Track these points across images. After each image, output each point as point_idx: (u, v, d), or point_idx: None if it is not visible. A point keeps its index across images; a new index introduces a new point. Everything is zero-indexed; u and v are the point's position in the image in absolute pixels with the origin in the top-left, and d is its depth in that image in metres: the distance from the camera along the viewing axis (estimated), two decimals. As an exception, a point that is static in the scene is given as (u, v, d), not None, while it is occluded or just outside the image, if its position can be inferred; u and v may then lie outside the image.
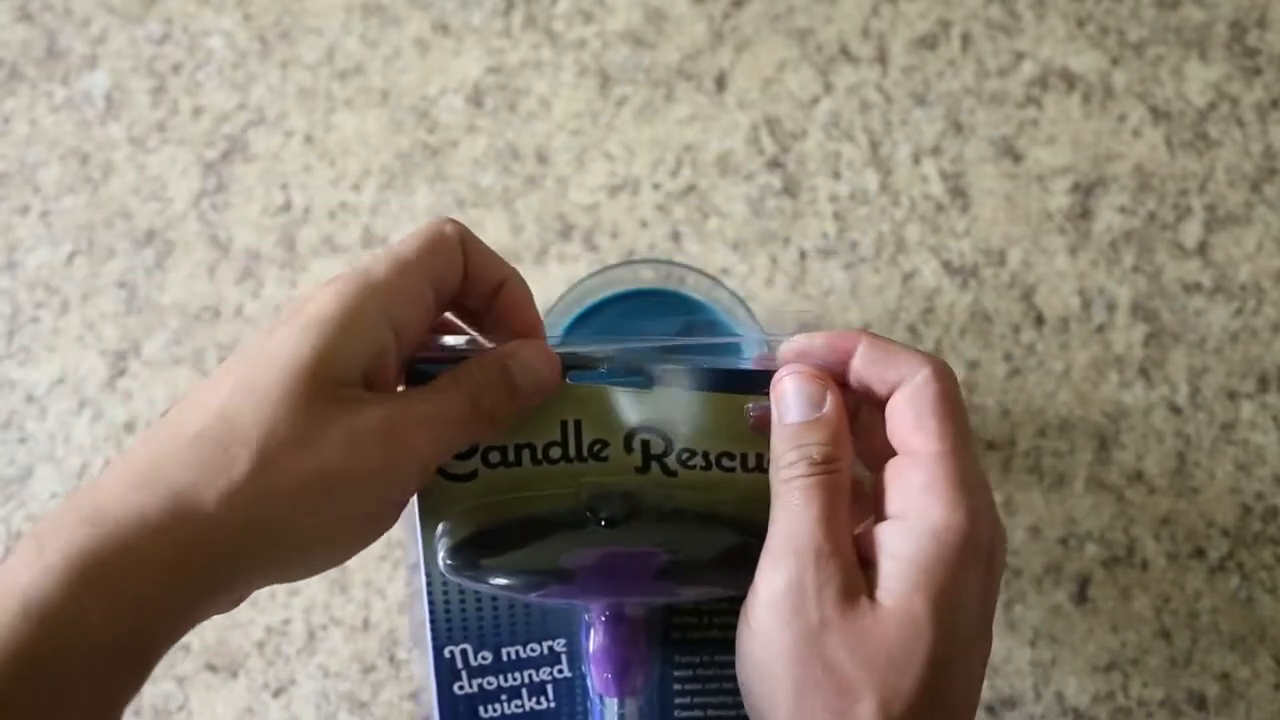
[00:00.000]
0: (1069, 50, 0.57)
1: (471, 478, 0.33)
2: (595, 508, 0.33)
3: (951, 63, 0.57)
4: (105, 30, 0.58)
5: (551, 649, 0.34)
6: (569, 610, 0.34)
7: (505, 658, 0.34)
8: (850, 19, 0.57)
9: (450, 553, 0.32)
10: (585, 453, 0.33)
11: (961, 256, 0.54)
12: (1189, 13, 0.57)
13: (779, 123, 0.56)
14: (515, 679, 0.34)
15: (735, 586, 0.31)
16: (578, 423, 0.33)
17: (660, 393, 0.33)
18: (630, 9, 0.58)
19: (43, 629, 0.25)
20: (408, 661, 0.49)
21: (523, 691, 0.34)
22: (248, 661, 0.49)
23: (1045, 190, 0.55)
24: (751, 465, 0.33)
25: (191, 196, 0.55)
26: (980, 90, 0.56)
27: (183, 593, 0.27)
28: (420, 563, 0.33)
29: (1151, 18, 0.57)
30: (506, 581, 0.33)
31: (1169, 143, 0.56)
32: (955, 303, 0.53)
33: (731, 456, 0.33)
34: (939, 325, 0.53)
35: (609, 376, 0.33)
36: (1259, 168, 0.55)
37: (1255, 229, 0.54)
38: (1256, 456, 0.51)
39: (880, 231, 0.54)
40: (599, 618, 0.34)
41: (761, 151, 0.55)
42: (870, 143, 0.55)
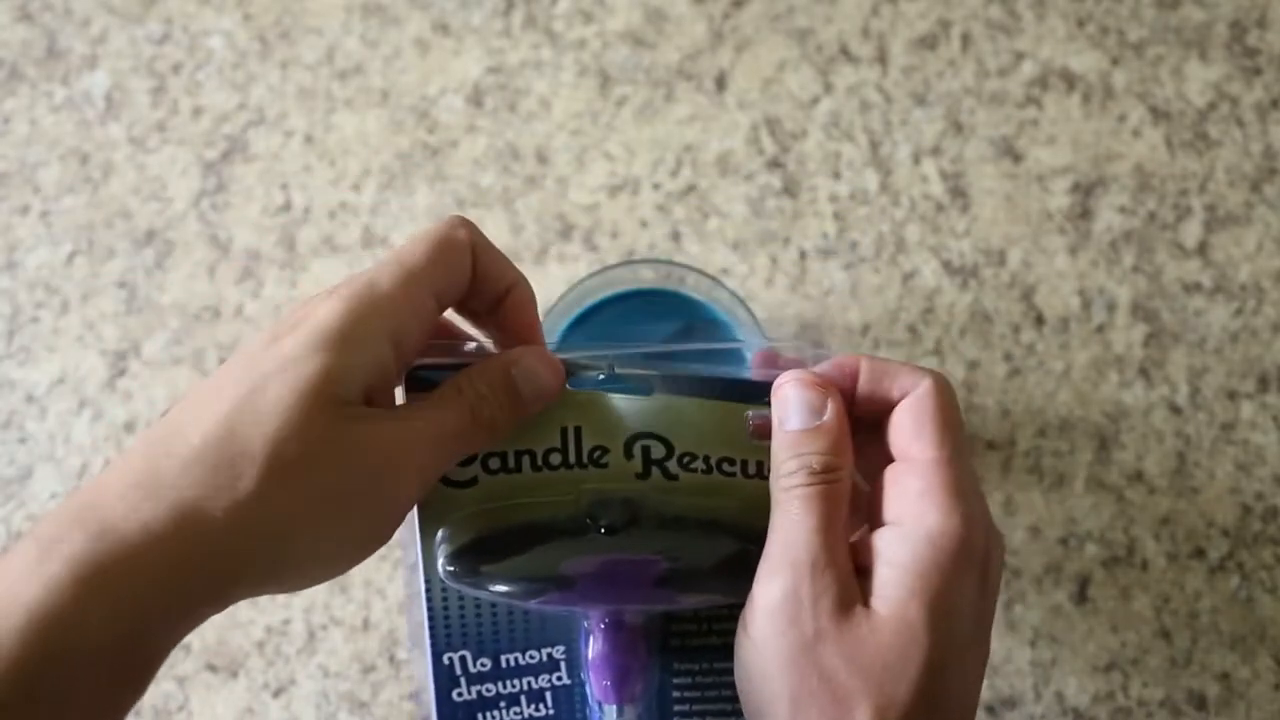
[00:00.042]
0: (1069, 50, 0.57)
1: (471, 484, 0.33)
2: (595, 514, 0.33)
3: (951, 63, 0.57)
4: (105, 30, 0.58)
5: (551, 656, 0.34)
6: (568, 617, 0.34)
7: (504, 664, 0.34)
8: (850, 19, 0.57)
9: (450, 559, 0.32)
10: (585, 459, 0.33)
11: (961, 256, 0.54)
12: (1189, 13, 0.57)
13: (779, 123, 0.56)
14: (514, 686, 0.34)
15: (735, 594, 0.31)
16: (578, 429, 0.33)
17: (660, 399, 0.33)
18: (630, 9, 0.58)
19: (46, 638, 0.25)
20: (408, 662, 0.49)
21: (522, 698, 0.34)
22: (248, 661, 0.49)
23: (1045, 190, 0.55)
24: (752, 472, 0.33)
25: (191, 196, 0.55)
26: (980, 90, 0.56)
27: (184, 599, 0.27)
28: (420, 568, 0.33)
29: (1151, 18, 0.57)
30: (506, 588, 0.33)
31: (1169, 143, 0.55)
32: (955, 303, 0.53)
33: (732, 462, 0.33)
34: (939, 325, 0.53)
35: (609, 383, 0.33)
36: (1259, 168, 0.55)
37: (1255, 229, 0.54)
38: (1256, 456, 0.51)
39: (880, 231, 0.54)
40: (598, 625, 0.34)
41: (761, 151, 0.55)
42: (870, 143, 0.55)
